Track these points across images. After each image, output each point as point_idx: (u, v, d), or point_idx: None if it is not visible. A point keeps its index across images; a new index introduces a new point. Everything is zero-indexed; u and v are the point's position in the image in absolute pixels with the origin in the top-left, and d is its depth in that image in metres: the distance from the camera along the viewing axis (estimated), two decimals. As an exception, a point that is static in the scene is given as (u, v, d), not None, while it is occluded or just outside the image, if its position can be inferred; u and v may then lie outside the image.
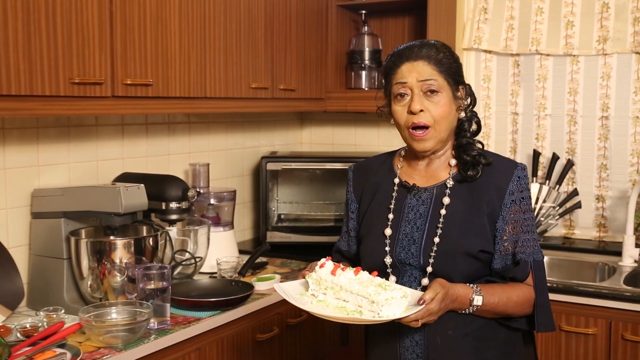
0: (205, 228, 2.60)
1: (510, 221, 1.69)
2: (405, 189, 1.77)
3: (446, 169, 1.76)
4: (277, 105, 2.93)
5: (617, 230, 3.06)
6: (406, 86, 1.69)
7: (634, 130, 3.01)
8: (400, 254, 1.72)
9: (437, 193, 1.73)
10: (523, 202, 1.70)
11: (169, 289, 2.10)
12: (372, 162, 1.90)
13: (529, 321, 1.73)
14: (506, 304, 1.66)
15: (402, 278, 1.71)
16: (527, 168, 1.75)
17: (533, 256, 1.71)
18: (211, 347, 2.20)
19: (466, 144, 1.74)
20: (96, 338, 1.91)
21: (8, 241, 2.23)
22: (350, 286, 1.57)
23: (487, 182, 1.71)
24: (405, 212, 1.75)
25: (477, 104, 3.25)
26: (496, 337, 1.71)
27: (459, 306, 1.64)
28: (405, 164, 1.82)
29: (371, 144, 3.49)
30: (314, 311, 1.58)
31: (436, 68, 1.69)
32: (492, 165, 1.73)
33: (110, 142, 2.59)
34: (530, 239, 1.71)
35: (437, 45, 1.72)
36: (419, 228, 1.72)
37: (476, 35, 3.23)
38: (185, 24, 2.35)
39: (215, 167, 3.05)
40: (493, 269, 1.71)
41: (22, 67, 1.85)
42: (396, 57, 1.73)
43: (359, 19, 3.35)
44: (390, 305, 1.50)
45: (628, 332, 2.41)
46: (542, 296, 1.71)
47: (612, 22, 3.00)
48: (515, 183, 1.70)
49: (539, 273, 1.71)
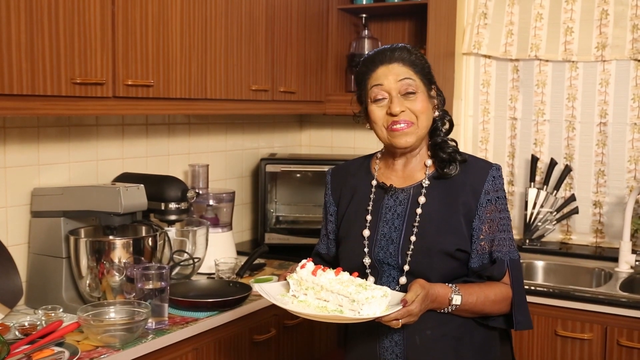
0: (204, 229, 2.61)
1: (487, 220, 1.71)
2: (382, 190, 1.80)
3: (422, 169, 1.78)
4: (277, 107, 2.94)
5: (613, 236, 3.08)
6: (383, 89, 1.71)
7: (631, 136, 3.03)
8: (379, 254, 1.74)
9: (414, 193, 1.75)
10: (499, 201, 1.73)
11: (167, 289, 2.10)
12: (350, 165, 1.93)
13: (507, 320, 1.75)
14: (484, 302, 1.69)
15: (381, 278, 1.73)
16: (501, 168, 1.78)
17: (509, 255, 1.73)
18: (208, 348, 2.21)
19: (441, 142, 1.77)
20: (94, 337, 1.92)
21: (7, 239, 2.24)
22: (331, 286, 1.58)
23: (462, 182, 1.73)
24: (382, 212, 1.77)
25: (476, 108, 3.29)
26: (474, 337, 1.73)
27: (438, 306, 1.66)
28: (383, 166, 1.84)
29: (370, 147, 3.46)
30: (295, 310, 1.60)
31: (411, 69, 1.72)
32: (467, 166, 1.75)
33: (111, 142, 2.60)
34: (506, 237, 1.74)
35: (408, 48, 1.75)
36: (397, 228, 1.73)
37: (476, 40, 3.24)
38: (186, 26, 2.37)
39: (215, 168, 3.06)
40: (470, 268, 1.73)
41: (25, 66, 1.86)
42: (370, 62, 1.75)
43: (359, 22, 3.36)
44: (370, 304, 1.52)
45: (623, 338, 2.42)
46: (519, 295, 1.73)
47: (611, 29, 3.01)
48: (491, 183, 1.72)
49: (515, 272, 1.74)
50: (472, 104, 3.34)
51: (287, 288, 1.68)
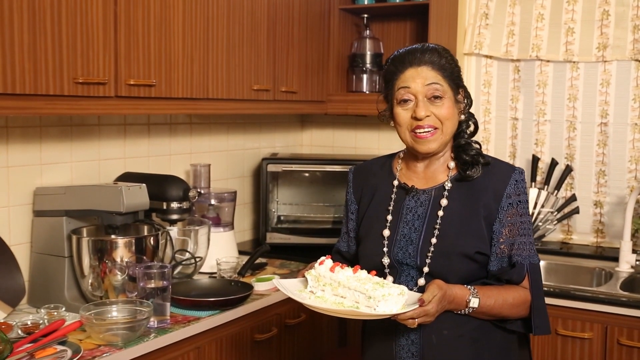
0: (206, 228, 2.62)
1: (507, 224, 1.71)
2: (404, 191, 1.79)
3: (445, 171, 1.78)
4: (278, 107, 2.94)
5: (614, 236, 3.08)
6: (410, 92, 1.70)
7: (632, 137, 3.03)
8: (398, 254, 1.73)
9: (435, 195, 1.75)
10: (520, 205, 1.72)
11: (169, 288, 2.11)
12: (372, 165, 1.92)
13: (525, 324, 1.74)
14: (502, 306, 1.68)
15: (399, 278, 1.73)
16: (524, 172, 1.77)
17: (529, 259, 1.73)
18: (210, 347, 2.21)
19: (465, 144, 1.77)
20: (96, 336, 1.93)
21: (10, 239, 2.25)
22: (349, 283, 1.59)
23: (485, 185, 1.73)
24: (403, 213, 1.76)
25: (478, 109, 3.30)
26: (492, 339, 1.73)
27: (456, 307, 1.65)
28: (404, 166, 1.84)
29: (371, 147, 3.51)
30: (313, 305, 1.60)
31: (440, 73, 1.70)
32: (490, 169, 1.74)
33: (112, 142, 2.61)
34: (526, 242, 1.73)
35: (439, 50, 1.73)
36: (417, 229, 1.73)
37: (477, 41, 3.25)
38: (188, 26, 2.37)
39: (216, 167, 3.07)
40: (489, 271, 1.72)
41: (27, 66, 1.86)
42: (399, 62, 1.73)
43: (360, 22, 3.37)
44: (387, 301, 1.53)
45: (624, 337, 2.42)
46: (538, 299, 1.72)
47: (612, 30, 3.02)
48: (513, 186, 1.72)
49: (535, 276, 1.73)
50: (474, 104, 3.32)
51: (305, 285, 1.69)
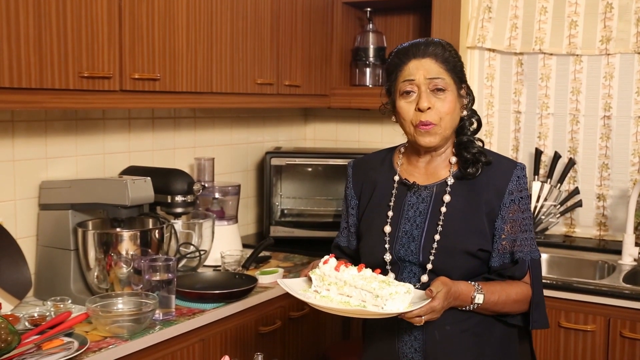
0: (210, 221, 2.63)
1: (509, 220, 1.70)
2: (405, 187, 1.78)
3: (446, 167, 1.76)
4: (282, 101, 2.95)
5: (617, 229, 3.09)
6: (413, 83, 1.68)
7: (635, 130, 3.03)
8: (400, 251, 1.73)
9: (437, 191, 1.74)
10: (522, 201, 1.72)
11: (174, 280, 2.13)
12: (372, 158, 1.90)
13: (524, 318, 1.75)
14: (505, 301, 1.68)
15: (401, 274, 1.73)
16: (526, 168, 1.77)
17: (530, 255, 1.73)
18: (215, 339, 2.23)
19: (467, 142, 1.75)
20: (102, 328, 1.95)
21: (16, 232, 2.27)
22: (354, 281, 1.58)
23: (486, 181, 1.72)
24: (405, 209, 1.75)
25: (480, 102, 3.30)
26: (493, 333, 1.73)
27: (460, 304, 1.65)
28: (405, 161, 1.82)
29: (374, 141, 3.52)
30: (320, 304, 1.59)
31: (443, 66, 1.69)
32: (492, 165, 1.73)
33: (117, 136, 2.62)
34: (528, 237, 1.73)
35: (442, 44, 1.73)
36: (419, 226, 1.73)
37: (480, 34, 3.25)
38: (192, 20, 2.38)
39: (220, 161, 3.08)
40: (491, 267, 1.72)
41: (33, 60, 1.87)
42: (402, 54, 1.72)
43: (364, 16, 3.37)
44: (394, 300, 1.52)
45: (626, 330, 2.43)
46: (538, 294, 1.73)
47: (616, 23, 3.02)
48: (515, 183, 1.71)
49: (536, 271, 1.74)
50: (477, 98, 3.34)
51: (309, 284, 1.67)
